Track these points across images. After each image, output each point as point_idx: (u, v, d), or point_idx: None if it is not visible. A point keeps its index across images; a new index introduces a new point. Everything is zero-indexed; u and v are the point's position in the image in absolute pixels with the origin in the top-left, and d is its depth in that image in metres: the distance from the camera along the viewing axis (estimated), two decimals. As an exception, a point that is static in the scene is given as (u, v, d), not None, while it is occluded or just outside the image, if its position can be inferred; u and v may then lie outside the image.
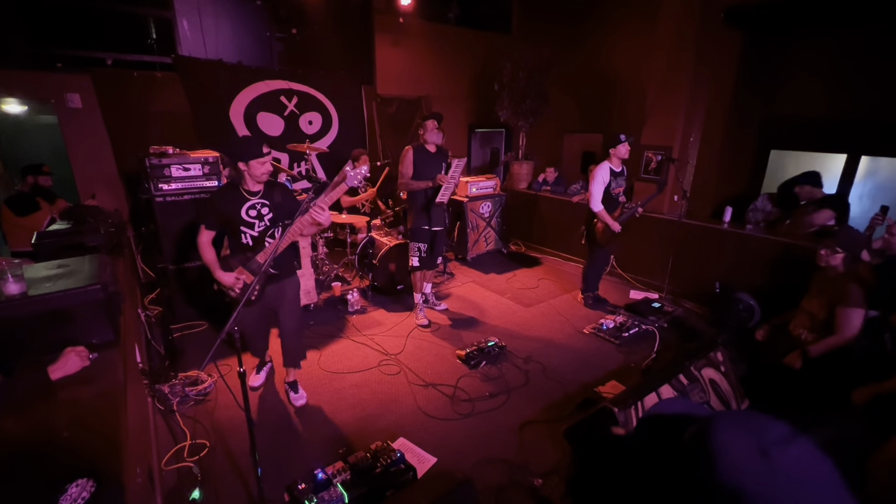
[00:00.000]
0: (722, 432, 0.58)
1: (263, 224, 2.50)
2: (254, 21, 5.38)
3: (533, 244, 6.20)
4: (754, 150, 5.88)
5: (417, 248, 3.82)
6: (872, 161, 5.11)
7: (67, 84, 4.38)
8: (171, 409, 2.71)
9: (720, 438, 0.57)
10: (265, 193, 2.50)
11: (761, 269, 3.94)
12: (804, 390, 2.63)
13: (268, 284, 2.59)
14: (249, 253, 2.49)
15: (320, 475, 2.10)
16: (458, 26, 6.95)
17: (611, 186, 3.90)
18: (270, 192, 2.52)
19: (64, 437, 1.27)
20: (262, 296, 2.59)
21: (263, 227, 2.50)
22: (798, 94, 5.38)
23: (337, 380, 3.11)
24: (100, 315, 1.88)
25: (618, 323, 3.84)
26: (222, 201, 2.47)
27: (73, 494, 0.97)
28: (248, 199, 2.46)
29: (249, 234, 2.49)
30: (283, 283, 2.68)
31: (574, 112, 7.36)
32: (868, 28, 4.74)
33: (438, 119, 3.62)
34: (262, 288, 2.56)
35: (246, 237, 2.49)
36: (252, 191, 2.47)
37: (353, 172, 2.35)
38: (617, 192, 3.97)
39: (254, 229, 2.49)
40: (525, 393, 3.00)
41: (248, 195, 2.46)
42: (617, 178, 3.94)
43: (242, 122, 5.07)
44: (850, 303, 2.53)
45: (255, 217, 2.48)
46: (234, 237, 2.53)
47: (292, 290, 2.75)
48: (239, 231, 2.47)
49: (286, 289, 2.71)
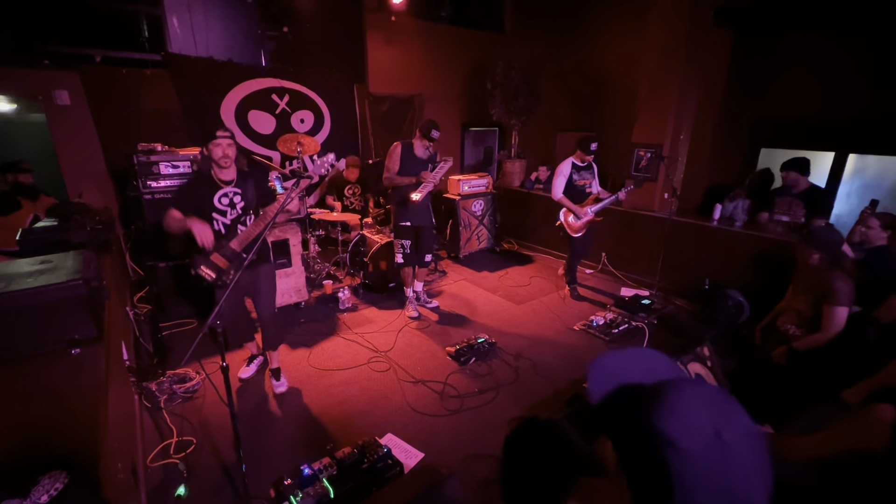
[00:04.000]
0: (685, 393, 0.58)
1: (235, 212, 2.56)
2: (245, 19, 5.35)
3: (525, 242, 6.21)
4: (744, 148, 5.92)
5: (401, 244, 3.85)
6: (860, 159, 5.16)
7: (55, 81, 4.34)
8: (158, 406, 2.70)
9: (680, 397, 0.58)
10: (238, 183, 2.56)
11: (750, 266, 3.97)
12: (790, 385, 2.65)
13: (243, 271, 2.60)
14: (223, 240, 2.53)
15: (306, 471, 2.10)
16: (450, 25, 6.94)
17: (573, 179, 4.18)
18: (244, 182, 2.58)
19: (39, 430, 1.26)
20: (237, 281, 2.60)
21: (235, 215, 2.56)
22: (787, 92, 5.42)
23: (326, 377, 3.11)
24: (82, 310, 1.86)
25: (608, 320, 3.86)
26: (194, 189, 2.53)
27: (46, 485, 0.97)
28: (221, 187, 2.52)
29: (221, 221, 2.55)
30: (258, 270, 2.73)
31: (567, 111, 7.37)
32: (856, 27, 4.79)
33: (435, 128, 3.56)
34: (236, 273, 2.57)
35: (218, 224, 2.55)
36: (224, 179, 2.52)
37: (319, 161, 2.33)
38: (581, 184, 4.23)
39: (226, 217, 2.55)
40: (514, 389, 3.00)
41: (220, 183, 2.52)
42: (580, 171, 4.23)
43: (233, 119, 5.05)
44: (836, 301, 2.54)
45: (228, 205, 2.54)
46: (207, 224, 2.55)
47: (267, 276, 2.81)
48: (211, 218, 2.52)
49: (260, 275, 2.76)
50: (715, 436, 0.54)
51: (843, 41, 4.89)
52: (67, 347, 1.79)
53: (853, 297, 2.56)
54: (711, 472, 0.53)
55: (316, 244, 4.77)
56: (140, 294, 4.13)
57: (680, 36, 4.44)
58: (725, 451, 0.53)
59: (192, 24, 4.91)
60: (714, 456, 0.53)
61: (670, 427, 0.55)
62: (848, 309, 2.54)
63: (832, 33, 4.97)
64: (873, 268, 2.84)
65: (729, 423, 0.55)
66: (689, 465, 0.53)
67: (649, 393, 0.61)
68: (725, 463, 0.53)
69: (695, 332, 3.67)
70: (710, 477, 0.53)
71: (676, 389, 0.59)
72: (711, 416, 0.56)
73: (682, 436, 0.54)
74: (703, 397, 0.58)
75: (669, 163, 4.61)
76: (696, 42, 4.49)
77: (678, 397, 0.58)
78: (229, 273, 2.53)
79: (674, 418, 0.56)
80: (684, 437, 0.54)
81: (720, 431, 0.54)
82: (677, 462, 0.54)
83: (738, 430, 0.55)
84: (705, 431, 0.54)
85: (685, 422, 0.55)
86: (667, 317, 4.05)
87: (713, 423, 0.55)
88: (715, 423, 0.55)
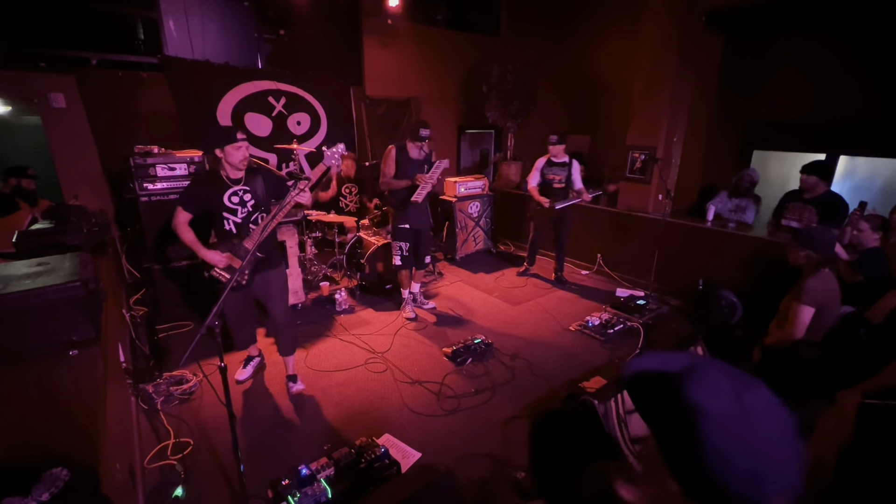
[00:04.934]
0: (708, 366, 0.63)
1: (246, 210, 2.55)
2: (241, 22, 5.37)
3: (521, 244, 6.23)
4: (737, 150, 5.99)
5: (399, 247, 3.85)
6: (850, 161, 5.24)
7: (51, 84, 4.34)
8: (155, 408, 2.70)
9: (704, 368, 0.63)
10: (247, 181, 2.55)
11: (743, 267, 4.01)
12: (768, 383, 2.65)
13: (255, 273, 2.61)
14: (235, 240, 2.53)
15: (304, 471, 2.11)
16: (446, 28, 6.99)
17: (544, 173, 4.67)
18: (254, 179, 2.57)
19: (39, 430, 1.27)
20: (250, 282, 2.62)
21: (246, 213, 2.55)
22: (779, 95, 5.50)
23: (323, 378, 3.12)
24: (80, 312, 1.87)
25: (603, 320, 3.89)
26: (203, 186, 2.52)
27: (47, 483, 0.98)
28: (230, 185, 2.52)
29: (232, 220, 2.54)
30: (270, 273, 2.72)
31: (562, 113, 7.43)
32: (846, 32, 4.87)
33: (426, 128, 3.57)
34: (250, 274, 2.58)
35: (229, 223, 2.54)
36: (233, 178, 2.52)
37: (329, 151, 2.39)
38: (550, 178, 4.65)
39: (237, 216, 2.54)
40: (511, 389, 3.03)
41: (229, 182, 2.52)
42: (552, 167, 4.66)
43: (230, 122, 5.05)
44: (801, 299, 2.46)
45: (238, 203, 2.53)
46: (217, 224, 2.57)
47: (279, 280, 2.79)
48: (222, 217, 2.52)
49: (272, 279, 2.74)
50: (736, 399, 0.58)
51: (833, 45, 4.97)
52: (65, 349, 1.80)
53: (827, 298, 2.49)
54: (739, 434, 0.56)
55: (312, 246, 4.78)
56: (136, 296, 4.12)
57: (672, 39, 4.50)
58: (749, 415, 0.57)
59: (189, 27, 4.92)
60: (739, 419, 0.57)
61: (695, 392, 0.59)
62: (813, 309, 2.45)
63: (822, 37, 5.05)
64: (866, 269, 2.87)
65: (749, 389, 0.59)
66: (716, 427, 0.57)
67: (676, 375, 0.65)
68: (751, 428, 0.56)
69: (689, 331, 3.71)
70: (738, 440, 0.56)
71: (700, 363, 0.64)
72: (733, 383, 0.60)
73: (706, 399, 0.58)
74: (724, 370, 0.63)
75: (663, 165, 4.66)
76: (689, 45, 4.54)
77: (701, 369, 0.63)
78: (244, 273, 2.51)
79: (698, 384, 0.60)
80: (708, 400, 0.58)
81: (741, 395, 0.58)
82: (705, 425, 0.57)
83: (760, 397, 0.59)
84: (728, 395, 0.58)
85: (708, 387, 0.59)
86: (661, 317, 4.08)
87: (734, 388, 0.59)
88: (736, 388, 0.59)
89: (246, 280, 2.58)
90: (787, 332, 2.54)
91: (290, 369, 2.95)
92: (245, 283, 2.59)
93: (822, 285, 2.47)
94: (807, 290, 2.45)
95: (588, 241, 5.36)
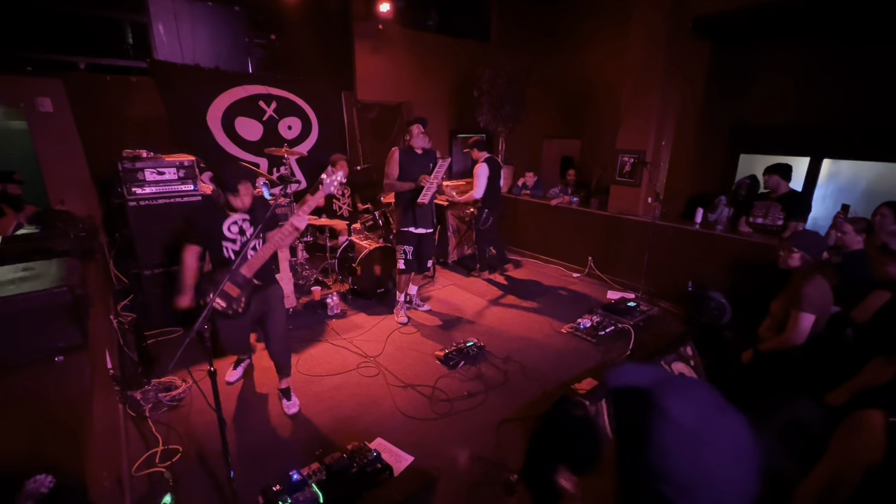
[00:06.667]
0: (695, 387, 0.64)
1: (245, 238, 2.54)
2: (232, 26, 5.35)
3: (513, 247, 6.27)
4: (725, 154, 6.09)
5: (403, 250, 3.82)
6: (834, 164, 5.35)
7: (38, 88, 4.29)
8: (143, 415, 2.66)
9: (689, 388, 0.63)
10: (248, 209, 2.56)
11: (731, 269, 4.07)
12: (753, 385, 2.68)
13: (252, 296, 2.58)
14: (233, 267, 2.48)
15: (295, 476, 2.09)
16: (437, 34, 7.03)
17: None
18: (252, 207, 2.57)
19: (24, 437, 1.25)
20: (248, 308, 2.58)
21: (245, 240, 2.53)
22: (764, 100, 5.61)
23: (315, 383, 3.10)
24: (66, 318, 1.84)
25: (594, 322, 3.91)
26: (203, 217, 2.53)
27: (31, 490, 0.96)
28: (230, 215, 2.52)
29: (231, 248, 2.53)
30: (267, 293, 2.68)
31: (552, 118, 7.51)
32: (828, 39, 4.99)
33: (423, 123, 3.65)
34: (247, 300, 2.55)
35: (228, 252, 2.53)
36: (237, 206, 2.52)
37: (329, 179, 2.32)
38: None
39: (236, 244, 2.53)
40: (503, 392, 3.03)
41: (229, 211, 2.52)
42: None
43: (220, 126, 5.03)
44: (801, 306, 2.50)
45: (238, 233, 2.53)
46: (215, 251, 2.55)
47: (277, 298, 2.76)
48: (221, 246, 2.51)
49: (270, 298, 2.70)
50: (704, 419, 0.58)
51: (817, 52, 5.10)
52: (51, 355, 1.77)
53: (824, 304, 2.54)
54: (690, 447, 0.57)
55: (304, 250, 4.76)
56: (124, 302, 4.07)
57: (660, 45, 4.57)
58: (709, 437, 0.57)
59: (179, 32, 4.90)
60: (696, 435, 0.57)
61: (670, 399, 0.60)
62: (814, 316, 2.50)
63: (806, 44, 5.18)
64: (850, 271, 2.92)
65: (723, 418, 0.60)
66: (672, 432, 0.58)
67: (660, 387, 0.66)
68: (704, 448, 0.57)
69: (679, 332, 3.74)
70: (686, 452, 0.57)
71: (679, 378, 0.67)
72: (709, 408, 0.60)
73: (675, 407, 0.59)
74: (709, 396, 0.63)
75: (652, 168, 4.72)
76: (676, 51, 4.62)
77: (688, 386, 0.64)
78: (240, 301, 2.49)
79: (676, 394, 0.61)
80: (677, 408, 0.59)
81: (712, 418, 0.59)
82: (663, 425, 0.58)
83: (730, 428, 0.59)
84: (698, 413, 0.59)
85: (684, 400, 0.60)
86: (652, 319, 4.12)
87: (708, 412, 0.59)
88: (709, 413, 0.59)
89: (242, 307, 2.54)
90: (787, 339, 2.56)
91: (283, 383, 2.88)
92: (242, 311, 2.55)
93: (819, 291, 2.51)
94: (806, 298, 2.48)
95: (579, 244, 5.40)
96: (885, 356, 2.04)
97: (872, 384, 2.05)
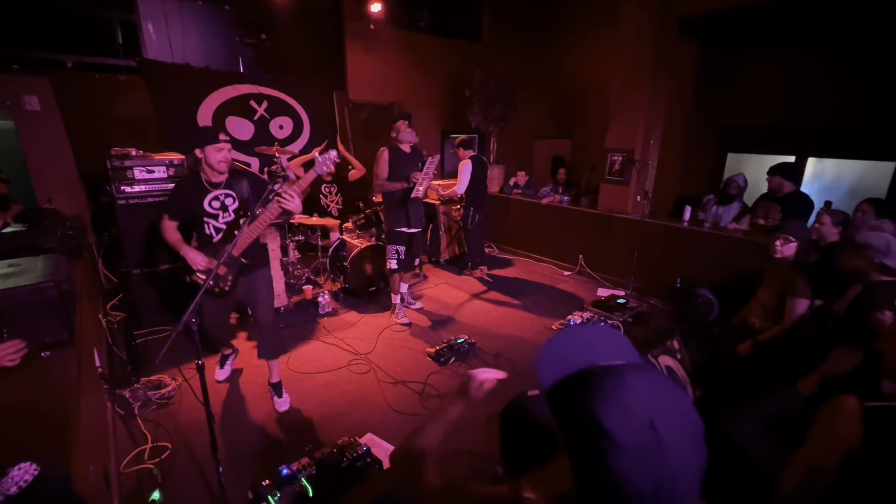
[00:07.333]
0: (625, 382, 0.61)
1: (228, 215, 2.49)
2: (222, 26, 5.34)
3: (505, 246, 6.31)
4: (713, 153, 6.17)
5: (395, 250, 3.81)
6: (819, 163, 5.44)
7: (25, 86, 4.25)
8: (132, 413, 2.64)
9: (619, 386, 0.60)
10: (230, 184, 2.48)
11: (718, 265, 4.13)
12: (753, 375, 2.75)
13: (239, 276, 2.58)
14: (219, 245, 2.48)
15: (285, 471, 2.09)
16: (429, 34, 7.06)
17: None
18: (237, 183, 2.49)
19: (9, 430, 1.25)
20: (234, 287, 2.58)
21: (229, 218, 2.49)
22: (752, 99, 5.70)
23: (306, 380, 3.10)
24: (53, 313, 1.84)
25: (585, 319, 3.95)
26: (184, 191, 2.48)
27: (15, 477, 0.97)
28: (210, 190, 2.46)
29: (213, 224, 2.49)
30: (255, 276, 2.66)
31: (544, 118, 7.56)
32: (814, 39, 5.08)
33: (408, 119, 3.68)
34: (234, 279, 2.54)
35: (209, 228, 2.49)
36: (214, 182, 2.46)
37: (321, 157, 2.27)
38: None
39: (218, 220, 2.49)
40: (493, 387, 3.04)
41: (209, 186, 2.46)
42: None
43: (211, 125, 5.02)
44: (797, 293, 2.64)
45: (220, 208, 2.48)
46: (198, 229, 2.52)
47: (264, 282, 2.73)
48: (203, 222, 2.47)
49: (257, 281, 2.67)
50: (650, 426, 0.56)
51: (802, 52, 5.19)
52: (37, 350, 1.76)
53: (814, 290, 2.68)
54: (643, 460, 0.55)
55: (295, 249, 4.75)
56: (113, 302, 4.04)
57: (648, 45, 4.63)
58: (660, 445, 0.55)
59: (169, 31, 4.88)
60: (647, 445, 0.55)
61: (607, 417, 0.57)
62: (808, 301, 2.65)
63: (791, 45, 5.27)
64: (828, 264, 2.98)
65: (666, 411, 0.57)
66: (626, 458, 0.55)
67: (592, 381, 0.63)
68: (658, 453, 0.55)
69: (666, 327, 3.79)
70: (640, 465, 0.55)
71: (617, 378, 0.61)
72: (648, 403, 0.58)
73: (618, 428, 0.56)
74: (645, 385, 0.60)
75: (641, 166, 4.78)
76: (664, 51, 4.68)
77: (617, 387, 0.60)
78: (227, 280, 2.48)
79: (611, 408, 0.58)
80: (620, 430, 0.56)
81: (654, 421, 0.56)
82: (615, 456, 0.56)
83: (673, 415, 0.57)
84: (641, 422, 0.56)
85: (622, 410, 0.57)
86: (641, 315, 4.17)
87: (649, 412, 0.57)
88: (651, 412, 0.57)
89: (229, 286, 2.54)
90: (787, 327, 2.67)
91: (274, 376, 2.84)
92: (228, 290, 2.55)
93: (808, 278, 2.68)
94: (801, 285, 2.65)
95: (570, 242, 5.45)
96: (849, 346, 2.12)
97: (837, 373, 2.13)
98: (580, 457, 0.60)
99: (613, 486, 0.56)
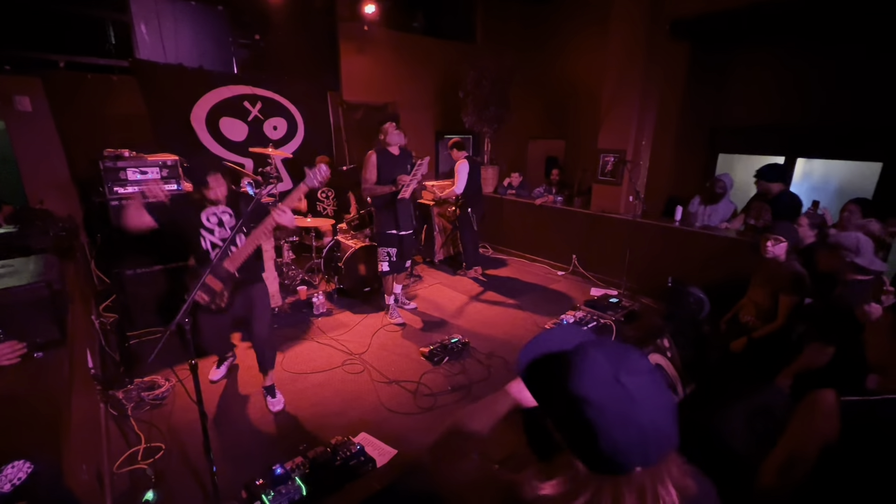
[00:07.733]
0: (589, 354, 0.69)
1: (225, 231, 2.53)
2: (215, 26, 5.33)
3: (499, 246, 6.34)
4: (704, 153, 6.24)
5: (386, 252, 3.82)
6: (807, 163, 5.52)
7: (16, 86, 4.22)
8: (125, 414, 2.64)
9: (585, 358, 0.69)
10: (229, 201, 2.55)
11: (709, 264, 4.17)
12: (745, 373, 2.79)
13: (236, 292, 2.58)
14: (218, 263, 2.48)
15: (278, 470, 2.10)
16: (423, 35, 7.08)
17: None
18: (235, 201, 2.57)
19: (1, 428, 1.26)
20: (231, 304, 2.58)
21: (226, 234, 2.53)
22: (743, 100, 5.77)
23: (300, 380, 3.10)
24: (44, 314, 1.85)
25: (577, 318, 3.98)
26: (180, 204, 2.54)
27: (9, 475, 0.98)
28: (208, 206, 2.52)
29: (210, 238, 2.52)
30: (251, 290, 2.68)
31: (537, 119, 7.61)
32: (805, 40, 5.15)
33: (396, 121, 3.69)
34: (231, 296, 2.55)
35: (206, 242, 2.52)
36: (211, 199, 2.51)
37: (312, 172, 2.37)
38: None
39: (214, 235, 2.52)
40: (486, 386, 3.07)
41: (208, 203, 2.52)
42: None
43: (205, 127, 5.01)
44: (790, 291, 2.72)
45: (217, 224, 2.52)
46: (194, 243, 2.53)
47: (261, 296, 2.75)
48: (199, 235, 2.49)
49: (254, 295, 2.70)
50: (616, 381, 0.65)
51: (793, 53, 5.25)
52: (30, 350, 1.77)
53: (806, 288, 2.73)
54: (624, 414, 0.64)
55: (290, 250, 4.76)
56: (106, 303, 4.02)
57: (639, 46, 4.67)
58: (629, 394, 0.64)
59: (162, 31, 4.87)
60: (620, 398, 0.64)
61: (579, 384, 0.66)
62: (799, 298, 2.71)
63: (782, 46, 5.34)
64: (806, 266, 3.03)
65: (626, 367, 0.66)
66: (603, 412, 0.64)
67: (563, 361, 0.72)
68: (633, 405, 0.64)
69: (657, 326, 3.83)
70: (624, 419, 0.64)
71: (582, 352, 0.70)
72: (612, 364, 0.66)
73: (589, 389, 0.65)
74: (603, 352, 0.69)
75: (633, 167, 4.82)
76: (655, 52, 4.73)
77: (584, 359, 0.69)
78: (223, 295, 2.49)
79: (582, 378, 0.67)
80: (591, 389, 0.65)
81: (619, 375, 0.65)
82: (592, 412, 0.64)
83: (637, 371, 0.66)
84: (608, 380, 0.65)
85: (591, 377, 0.66)
86: (633, 314, 4.21)
87: (612, 370, 0.66)
88: (615, 371, 0.66)
89: (226, 303, 2.54)
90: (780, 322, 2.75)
91: (267, 381, 2.86)
92: (225, 307, 2.55)
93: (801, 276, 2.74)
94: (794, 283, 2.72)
95: (563, 242, 5.48)
96: (822, 342, 2.21)
97: (810, 367, 2.19)
98: (573, 434, 0.68)
99: (609, 447, 0.63)
